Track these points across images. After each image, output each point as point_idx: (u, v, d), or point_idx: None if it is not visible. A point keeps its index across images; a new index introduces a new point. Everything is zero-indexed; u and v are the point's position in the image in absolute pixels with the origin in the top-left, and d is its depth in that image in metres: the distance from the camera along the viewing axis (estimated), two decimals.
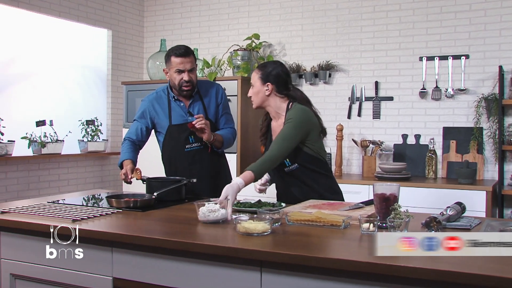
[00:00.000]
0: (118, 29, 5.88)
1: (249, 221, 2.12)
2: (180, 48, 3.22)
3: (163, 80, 5.50)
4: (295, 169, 2.89)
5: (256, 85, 2.92)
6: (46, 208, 2.69)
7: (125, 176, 3.10)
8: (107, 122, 5.81)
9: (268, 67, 2.93)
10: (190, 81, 3.22)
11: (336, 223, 2.21)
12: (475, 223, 2.34)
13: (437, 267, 1.59)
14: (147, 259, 2.13)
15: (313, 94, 5.42)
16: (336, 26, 5.33)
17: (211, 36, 5.93)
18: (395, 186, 2.24)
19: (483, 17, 4.75)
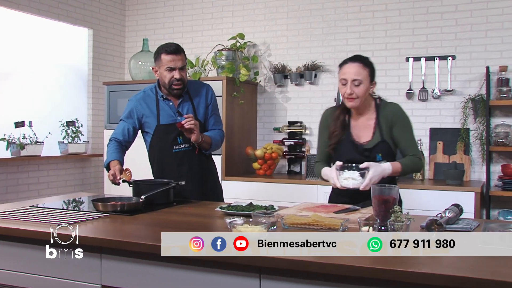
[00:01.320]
0: (99, 28, 5.75)
1: (245, 225, 2.03)
2: (170, 46, 3.13)
3: (146, 80, 5.39)
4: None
5: (366, 82, 2.70)
6: (28, 213, 2.57)
7: (113, 177, 2.99)
8: (88, 123, 5.67)
9: (371, 62, 2.77)
10: (181, 79, 3.12)
11: (334, 226, 2.13)
12: (474, 225, 2.30)
13: (446, 272, 1.53)
14: (138, 266, 2.03)
15: (298, 94, 5.38)
16: (321, 26, 5.27)
17: (195, 36, 5.83)
18: (394, 188, 2.18)
19: (469, 18, 4.73)
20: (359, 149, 2.78)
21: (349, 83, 2.68)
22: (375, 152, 2.76)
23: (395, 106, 2.86)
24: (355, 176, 2.53)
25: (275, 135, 5.48)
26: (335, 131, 2.83)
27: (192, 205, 2.96)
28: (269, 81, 5.50)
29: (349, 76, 2.68)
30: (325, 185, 4.58)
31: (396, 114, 2.80)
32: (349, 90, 2.68)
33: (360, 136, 2.81)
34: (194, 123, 3.02)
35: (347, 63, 2.73)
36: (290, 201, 4.25)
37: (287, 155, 5.26)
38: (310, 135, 5.31)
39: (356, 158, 2.73)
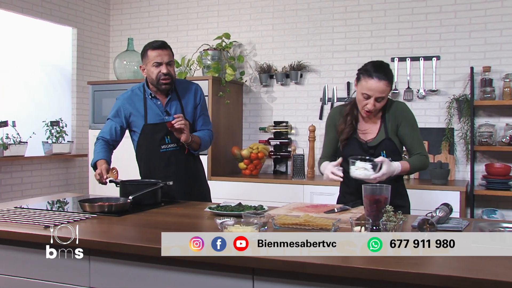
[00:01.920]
0: (84, 27, 5.67)
1: (236, 226, 2.00)
2: (156, 41, 3.11)
3: (131, 80, 5.33)
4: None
5: (387, 97, 2.70)
6: (14, 214, 2.51)
7: (100, 176, 2.92)
8: (72, 123, 5.58)
9: (392, 73, 2.74)
10: (168, 74, 3.07)
11: (325, 226, 2.11)
12: (464, 224, 2.29)
13: (443, 272, 1.51)
14: (128, 268, 1.99)
15: (284, 94, 5.35)
16: (307, 26, 5.25)
17: (180, 36, 5.78)
18: (385, 188, 2.16)
19: (454, 19, 4.75)
20: (363, 146, 2.77)
21: (372, 99, 2.64)
22: (380, 150, 2.74)
23: (402, 104, 2.86)
24: (368, 167, 2.50)
25: (260, 135, 5.45)
26: (345, 128, 2.80)
27: (180, 206, 2.92)
28: (255, 81, 5.47)
29: (374, 93, 2.63)
30: (311, 185, 4.59)
31: (403, 113, 2.79)
32: (371, 106, 2.66)
33: (366, 134, 2.80)
34: (184, 123, 2.99)
35: (373, 77, 2.63)
36: (276, 200, 4.24)
37: (273, 155, 5.23)
38: (296, 135, 5.29)
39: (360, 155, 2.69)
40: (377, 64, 2.74)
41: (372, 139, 2.78)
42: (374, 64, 2.74)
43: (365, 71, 2.69)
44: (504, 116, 4.60)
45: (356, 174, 2.53)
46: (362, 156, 2.57)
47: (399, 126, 2.77)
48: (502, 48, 4.63)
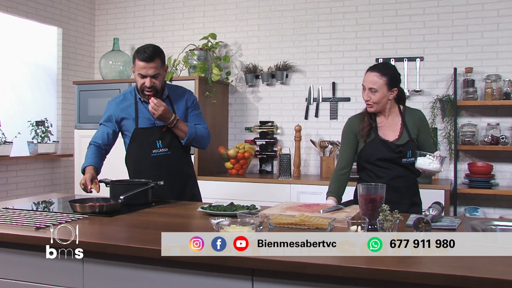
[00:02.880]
0: (69, 27, 5.57)
1: (233, 226, 1.96)
2: (146, 51, 2.93)
3: (116, 80, 5.26)
4: (412, 162, 2.82)
5: (382, 91, 2.80)
6: (3, 216, 2.43)
7: (84, 186, 2.83)
8: (58, 123, 5.48)
9: (391, 71, 2.85)
10: (152, 87, 2.97)
11: (321, 226, 2.08)
12: (457, 222, 2.28)
13: (445, 271, 1.49)
14: (123, 269, 1.93)
15: (270, 94, 5.32)
16: (293, 27, 5.23)
17: (165, 36, 5.71)
18: (380, 187, 2.14)
19: (436, 21, 4.77)
20: (391, 146, 2.83)
21: (367, 90, 2.82)
22: (407, 149, 2.83)
23: (421, 113, 3.02)
24: (436, 161, 2.63)
25: (246, 134, 5.41)
26: (363, 129, 2.89)
27: (171, 206, 2.86)
28: (241, 81, 5.43)
29: (366, 84, 2.82)
30: (298, 184, 4.57)
31: (424, 121, 2.96)
32: (365, 96, 2.84)
33: (386, 135, 2.87)
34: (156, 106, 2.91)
35: (368, 71, 2.85)
36: (264, 200, 4.20)
37: (259, 155, 5.20)
38: (282, 134, 5.26)
39: (388, 156, 2.82)
40: (378, 63, 2.97)
41: (397, 139, 2.85)
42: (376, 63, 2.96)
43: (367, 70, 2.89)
44: (485, 116, 4.63)
45: (430, 167, 2.63)
46: (423, 152, 2.68)
47: (420, 132, 2.90)
48: (483, 50, 4.66)
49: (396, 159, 2.82)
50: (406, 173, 2.87)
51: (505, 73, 4.54)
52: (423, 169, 2.63)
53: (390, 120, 2.90)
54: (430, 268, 1.53)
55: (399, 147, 2.81)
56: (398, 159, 2.81)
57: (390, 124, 2.89)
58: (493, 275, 1.47)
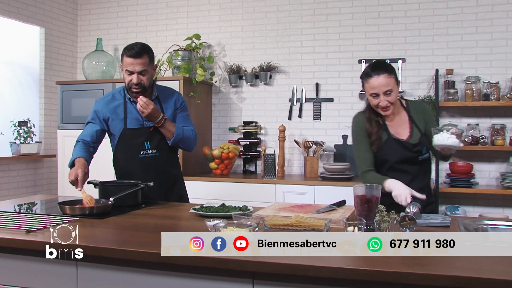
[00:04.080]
0: (51, 27, 5.44)
1: (230, 228, 1.90)
2: (133, 48, 2.86)
3: (100, 80, 5.15)
4: (427, 158, 2.74)
5: (395, 89, 2.60)
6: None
7: (74, 177, 2.66)
8: (41, 123, 5.34)
9: (391, 65, 2.65)
10: (139, 84, 2.89)
11: (318, 227, 2.04)
12: (449, 220, 2.27)
13: (449, 272, 1.46)
14: (119, 273, 1.86)
15: (253, 95, 5.27)
16: (276, 28, 5.19)
17: (149, 36, 5.61)
18: (376, 187, 2.10)
19: (418, 23, 4.78)
20: (407, 146, 2.68)
21: (381, 95, 2.59)
22: (422, 146, 2.69)
23: (424, 104, 2.89)
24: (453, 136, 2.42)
25: (230, 135, 5.35)
26: (372, 130, 2.71)
27: (161, 207, 2.79)
28: (224, 81, 5.37)
29: (380, 89, 2.58)
30: (282, 184, 4.53)
31: (428, 112, 2.82)
32: (383, 102, 2.60)
33: (398, 133, 2.72)
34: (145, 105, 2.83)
35: (371, 76, 2.59)
36: (250, 200, 4.17)
37: (242, 155, 5.15)
38: (265, 134, 5.22)
39: (406, 156, 2.68)
40: (373, 64, 2.69)
41: (409, 137, 2.70)
42: (370, 65, 2.69)
43: (365, 75, 2.66)
44: (465, 116, 4.65)
45: (449, 142, 2.41)
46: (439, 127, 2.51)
47: (427, 123, 2.73)
48: (463, 52, 4.68)
49: (413, 159, 2.68)
50: (421, 172, 2.74)
51: (484, 75, 4.57)
52: (442, 145, 2.42)
53: (398, 117, 2.74)
54: (434, 269, 1.50)
55: (415, 146, 2.67)
56: (415, 158, 2.68)
57: (398, 122, 2.74)
58: (497, 275, 1.44)
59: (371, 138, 2.70)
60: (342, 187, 4.26)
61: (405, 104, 2.78)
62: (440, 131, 2.45)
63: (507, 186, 4.37)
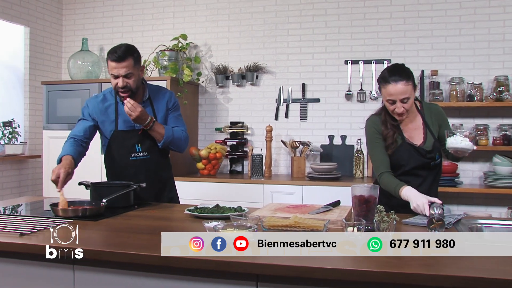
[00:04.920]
0: (36, 26, 5.32)
1: (229, 230, 1.86)
2: (117, 51, 2.76)
3: (86, 80, 5.07)
4: (438, 163, 2.73)
5: (412, 96, 2.57)
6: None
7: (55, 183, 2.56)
8: (25, 123, 5.22)
9: (409, 70, 2.61)
10: (125, 87, 2.80)
11: (316, 228, 2.01)
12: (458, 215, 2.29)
13: (462, 273, 1.45)
14: (117, 277, 1.81)
15: (240, 95, 5.23)
16: (263, 28, 5.16)
17: (135, 36, 5.53)
18: (374, 188, 2.08)
19: (403, 25, 4.79)
20: (421, 152, 2.66)
21: (398, 102, 2.56)
22: (435, 152, 2.68)
23: (439, 107, 2.81)
24: (467, 139, 2.43)
25: (216, 135, 5.31)
26: (387, 134, 2.67)
27: (154, 208, 2.74)
28: (211, 82, 5.32)
29: (397, 97, 2.54)
30: (270, 184, 4.50)
31: (442, 115, 2.77)
32: (400, 109, 2.57)
33: (412, 138, 2.70)
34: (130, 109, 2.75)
35: (389, 83, 2.55)
36: (238, 200, 4.12)
37: (229, 155, 5.10)
38: (252, 135, 5.19)
39: (420, 162, 2.66)
40: (391, 68, 2.64)
41: (423, 143, 2.68)
42: (388, 69, 2.64)
43: (382, 79, 2.61)
44: (450, 117, 4.62)
45: (462, 145, 2.42)
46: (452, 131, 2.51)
47: (440, 127, 2.72)
48: (447, 54, 4.71)
49: (427, 164, 2.67)
50: (431, 176, 2.74)
51: (467, 76, 4.60)
52: (455, 148, 2.43)
53: (412, 121, 2.71)
54: (442, 270, 1.49)
55: (430, 152, 2.66)
56: (428, 164, 2.68)
57: (413, 125, 2.71)
58: (504, 275, 1.43)
59: (386, 142, 2.67)
60: (330, 187, 4.25)
61: (419, 107, 2.75)
62: (453, 134, 2.47)
63: (490, 185, 4.40)
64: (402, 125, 2.70)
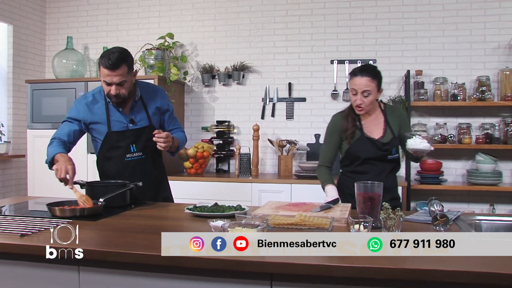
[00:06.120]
0: (20, 24, 5.18)
1: (237, 228, 1.82)
2: (110, 58, 2.61)
3: (71, 79, 4.96)
4: (396, 158, 2.87)
5: (374, 93, 2.73)
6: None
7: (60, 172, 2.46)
8: (9, 123, 5.08)
9: (378, 72, 2.77)
10: (117, 96, 2.71)
11: (323, 225, 1.98)
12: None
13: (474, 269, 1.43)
14: (124, 278, 1.75)
15: (226, 94, 5.19)
16: (249, 28, 5.12)
17: (120, 35, 5.43)
18: (378, 185, 2.07)
19: (388, 26, 4.81)
20: (377, 144, 2.80)
21: (359, 94, 2.73)
22: (392, 146, 2.83)
23: (401, 110, 3.10)
24: (425, 140, 2.53)
25: (202, 134, 5.25)
26: (348, 126, 2.83)
27: (151, 207, 2.68)
28: (197, 81, 5.26)
29: (359, 88, 2.72)
30: (258, 183, 4.46)
31: (404, 117, 2.98)
32: (359, 101, 2.74)
33: (372, 132, 2.84)
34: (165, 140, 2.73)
35: (357, 75, 2.74)
36: (228, 199, 4.05)
37: (216, 154, 5.05)
38: (238, 134, 5.14)
39: (375, 153, 2.80)
40: (363, 65, 2.87)
41: (381, 137, 2.82)
42: (360, 66, 2.87)
43: (352, 72, 2.81)
44: (433, 116, 4.71)
45: (421, 146, 2.53)
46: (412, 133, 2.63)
47: (401, 128, 2.87)
48: (431, 54, 4.74)
49: (383, 157, 2.81)
50: (389, 168, 2.86)
51: (450, 76, 4.64)
52: (414, 149, 2.55)
53: (374, 118, 2.87)
54: (455, 266, 1.47)
55: (386, 145, 2.80)
56: (384, 156, 2.81)
57: (374, 122, 2.86)
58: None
59: (346, 133, 2.84)
60: (318, 185, 4.18)
61: (383, 108, 2.92)
62: (413, 136, 2.59)
63: (472, 183, 4.45)
64: (364, 121, 2.85)
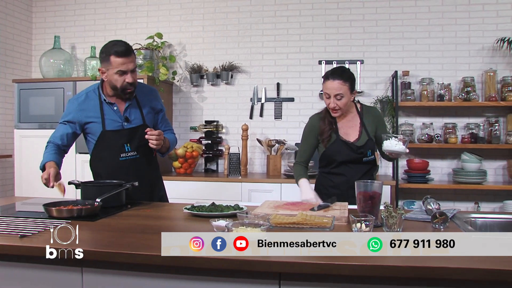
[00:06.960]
0: (6, 23, 5.08)
1: (241, 228, 1.80)
2: (120, 46, 2.64)
3: (57, 78, 4.89)
4: (371, 159, 2.88)
5: (347, 96, 2.75)
6: None
7: (46, 181, 2.51)
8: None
9: (350, 74, 2.78)
10: (133, 84, 2.71)
11: (324, 224, 1.98)
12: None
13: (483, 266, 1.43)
14: (129, 279, 1.72)
15: (214, 94, 5.16)
16: (237, 28, 5.10)
17: (107, 35, 5.35)
18: (377, 184, 2.07)
19: (375, 27, 4.83)
20: (352, 147, 2.82)
21: (332, 97, 2.74)
22: (367, 149, 2.83)
23: (377, 110, 3.07)
24: (400, 143, 2.53)
25: (191, 134, 5.22)
26: (324, 129, 2.84)
27: (148, 207, 2.64)
28: (185, 81, 5.22)
29: (332, 92, 2.74)
30: (247, 182, 4.45)
31: (380, 117, 2.98)
32: (332, 104, 2.76)
33: (347, 135, 2.86)
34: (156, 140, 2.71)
35: (329, 79, 2.76)
36: (218, 198, 4.00)
37: (204, 154, 5.02)
38: (227, 134, 5.12)
39: (350, 156, 2.81)
40: (335, 69, 2.87)
41: (357, 140, 2.84)
42: (332, 69, 2.87)
43: (325, 75, 2.83)
44: (420, 116, 4.75)
45: (396, 148, 2.53)
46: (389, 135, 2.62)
47: (377, 128, 2.89)
48: (417, 55, 4.78)
49: (358, 159, 2.83)
50: (364, 169, 2.88)
51: (436, 77, 4.68)
52: (390, 151, 2.56)
53: (349, 120, 2.88)
54: (463, 263, 1.47)
55: (360, 148, 2.82)
56: (360, 159, 2.83)
57: (350, 123, 2.88)
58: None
59: (322, 136, 2.86)
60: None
61: (359, 109, 2.93)
62: (389, 138, 2.60)
63: (458, 181, 4.49)
64: (339, 123, 2.87)
